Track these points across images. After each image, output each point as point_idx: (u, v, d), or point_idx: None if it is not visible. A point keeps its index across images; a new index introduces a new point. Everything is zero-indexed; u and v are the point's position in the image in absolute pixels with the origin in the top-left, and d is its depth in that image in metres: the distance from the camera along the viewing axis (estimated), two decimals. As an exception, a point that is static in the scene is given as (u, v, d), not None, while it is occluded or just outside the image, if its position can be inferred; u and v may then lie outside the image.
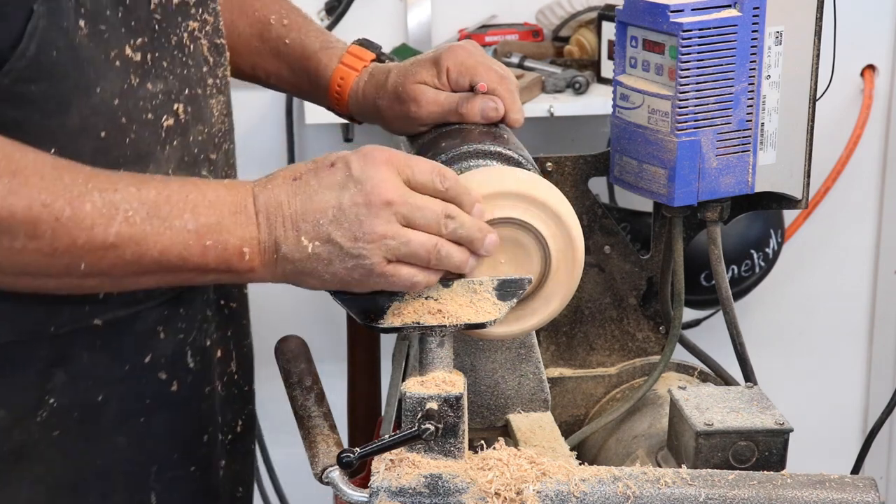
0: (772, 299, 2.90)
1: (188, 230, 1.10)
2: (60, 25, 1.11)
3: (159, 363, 1.28)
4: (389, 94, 1.43)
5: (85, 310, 1.21)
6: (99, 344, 1.23)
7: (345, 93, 1.48)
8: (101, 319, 1.22)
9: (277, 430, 2.68)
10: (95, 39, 1.14)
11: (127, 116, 1.18)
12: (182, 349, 1.30)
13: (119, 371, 1.25)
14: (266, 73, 1.53)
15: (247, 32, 1.51)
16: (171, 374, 1.29)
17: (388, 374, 1.51)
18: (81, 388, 1.23)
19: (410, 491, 1.14)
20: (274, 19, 1.50)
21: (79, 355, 1.22)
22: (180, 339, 1.30)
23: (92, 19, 1.13)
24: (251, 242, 1.13)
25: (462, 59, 1.40)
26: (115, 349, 1.25)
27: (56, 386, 1.21)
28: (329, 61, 1.49)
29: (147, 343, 1.27)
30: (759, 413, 1.29)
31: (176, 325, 1.29)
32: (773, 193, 1.50)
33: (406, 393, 1.16)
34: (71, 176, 1.07)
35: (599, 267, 1.58)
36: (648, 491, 1.15)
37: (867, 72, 2.79)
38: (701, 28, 1.38)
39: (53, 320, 1.20)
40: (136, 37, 1.18)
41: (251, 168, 2.75)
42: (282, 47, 1.50)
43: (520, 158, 1.33)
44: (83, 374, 1.23)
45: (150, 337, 1.27)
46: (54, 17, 1.10)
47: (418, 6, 2.61)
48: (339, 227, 1.12)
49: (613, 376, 1.59)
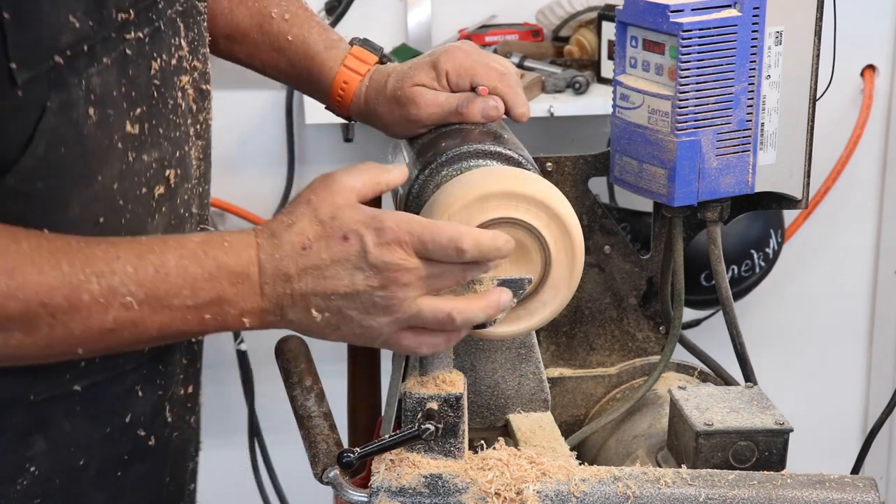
0: (772, 299, 2.90)
1: (187, 307, 1.07)
2: (71, 118, 1.06)
3: (139, 421, 1.25)
4: (388, 99, 1.42)
5: (65, 377, 1.17)
6: (79, 409, 1.19)
7: (348, 97, 1.46)
8: (80, 385, 1.18)
9: (277, 430, 2.68)
10: (102, 126, 1.10)
11: (123, 197, 1.14)
12: (161, 404, 1.28)
13: (99, 433, 1.22)
14: (263, 63, 1.50)
15: (246, 23, 1.47)
16: (149, 429, 1.27)
17: (388, 374, 1.51)
18: (62, 455, 1.19)
19: (410, 491, 1.14)
20: (275, 13, 1.47)
21: (58, 421, 1.18)
22: (159, 396, 1.27)
23: (101, 104, 1.09)
24: (253, 313, 1.10)
25: (460, 61, 1.39)
26: (94, 412, 1.21)
27: (36, 454, 1.17)
28: (333, 63, 1.46)
29: (126, 403, 1.24)
30: (759, 413, 1.29)
31: (154, 381, 1.26)
32: (773, 193, 1.50)
33: (406, 393, 1.16)
34: (69, 261, 1.04)
35: (599, 267, 1.58)
36: (648, 491, 1.15)
37: (867, 72, 2.79)
38: (701, 28, 1.38)
39: (32, 389, 1.15)
40: (136, 107, 1.14)
41: (251, 168, 2.77)
42: (284, 43, 1.47)
43: (520, 158, 1.33)
44: (63, 440, 1.19)
45: (129, 396, 1.24)
46: (66, 111, 1.06)
47: (418, 6, 2.61)
48: (352, 304, 1.09)
49: (613, 376, 1.59)
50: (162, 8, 1.16)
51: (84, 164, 1.09)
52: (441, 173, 1.31)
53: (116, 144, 1.12)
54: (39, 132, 1.04)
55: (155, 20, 1.15)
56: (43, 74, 1.03)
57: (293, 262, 1.09)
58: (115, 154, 1.12)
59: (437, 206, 1.22)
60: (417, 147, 1.40)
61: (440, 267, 1.10)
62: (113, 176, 1.12)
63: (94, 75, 1.07)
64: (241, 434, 2.73)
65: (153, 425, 1.27)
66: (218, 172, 2.66)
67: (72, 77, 1.05)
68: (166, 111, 1.18)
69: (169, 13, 1.18)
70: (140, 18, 1.12)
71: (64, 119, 1.06)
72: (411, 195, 1.32)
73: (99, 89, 1.08)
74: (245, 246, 1.09)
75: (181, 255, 1.07)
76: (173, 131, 1.20)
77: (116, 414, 1.23)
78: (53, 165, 1.06)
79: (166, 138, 1.19)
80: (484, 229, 1.15)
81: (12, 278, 1.01)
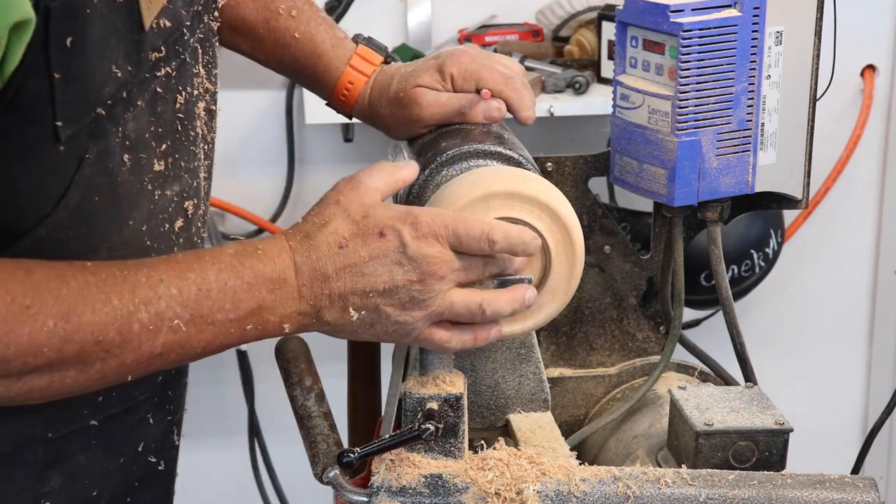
0: (772, 299, 2.90)
1: (230, 320, 1.07)
2: (106, 167, 1.06)
3: (150, 448, 1.26)
4: (391, 101, 1.42)
5: (82, 413, 1.17)
6: (94, 443, 1.20)
7: (352, 98, 1.46)
8: (97, 419, 1.19)
9: (277, 430, 2.68)
10: (135, 170, 1.10)
11: (150, 237, 1.14)
12: (170, 429, 1.29)
13: (113, 464, 1.22)
14: (267, 57, 1.49)
15: (252, 17, 1.46)
16: (159, 455, 1.27)
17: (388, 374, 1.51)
18: (77, 489, 1.19)
19: (410, 491, 1.14)
20: (283, 9, 1.45)
21: (74, 456, 1.19)
22: (168, 421, 1.28)
23: (135, 148, 1.09)
24: (291, 317, 1.09)
25: (466, 65, 1.39)
26: (108, 445, 1.21)
27: (51, 490, 1.17)
28: (339, 63, 1.46)
29: (138, 432, 1.24)
30: (759, 413, 1.29)
31: (164, 407, 1.27)
32: (773, 193, 1.50)
33: (406, 393, 1.16)
34: (118, 294, 1.02)
35: (599, 267, 1.58)
36: (648, 491, 1.15)
37: (867, 72, 2.79)
38: (701, 28, 1.38)
39: (50, 427, 1.16)
40: (162, 143, 1.13)
41: (251, 168, 2.77)
42: (290, 40, 1.46)
43: (520, 158, 1.33)
44: (78, 473, 1.19)
45: (142, 425, 1.24)
46: (102, 160, 1.05)
47: (418, 6, 2.61)
48: (390, 300, 1.10)
49: (613, 376, 1.59)
50: (187, 38, 1.16)
51: (117, 211, 1.09)
52: (441, 173, 1.31)
53: (146, 186, 1.12)
54: (75, 183, 1.04)
55: (181, 52, 1.15)
56: (84, 127, 1.02)
57: (330, 261, 1.09)
58: (144, 196, 1.12)
59: (440, 203, 1.22)
60: (417, 147, 1.40)
61: (469, 260, 1.12)
62: (142, 218, 1.12)
63: (130, 120, 1.07)
64: (241, 434, 2.73)
65: (162, 450, 1.28)
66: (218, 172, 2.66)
67: (110, 126, 1.05)
68: (187, 143, 1.18)
69: (192, 42, 1.17)
70: (169, 53, 1.12)
71: (100, 169, 1.05)
72: (411, 195, 1.32)
73: (133, 134, 1.08)
74: (278, 251, 1.09)
75: (220, 269, 1.07)
76: (192, 162, 1.20)
77: (129, 444, 1.23)
78: (86, 214, 1.06)
79: (186, 171, 1.19)
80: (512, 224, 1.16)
81: (68, 322, 1.00)
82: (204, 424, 2.79)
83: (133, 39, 1.04)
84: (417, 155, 1.37)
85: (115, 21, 1.02)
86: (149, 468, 1.26)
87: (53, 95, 0.98)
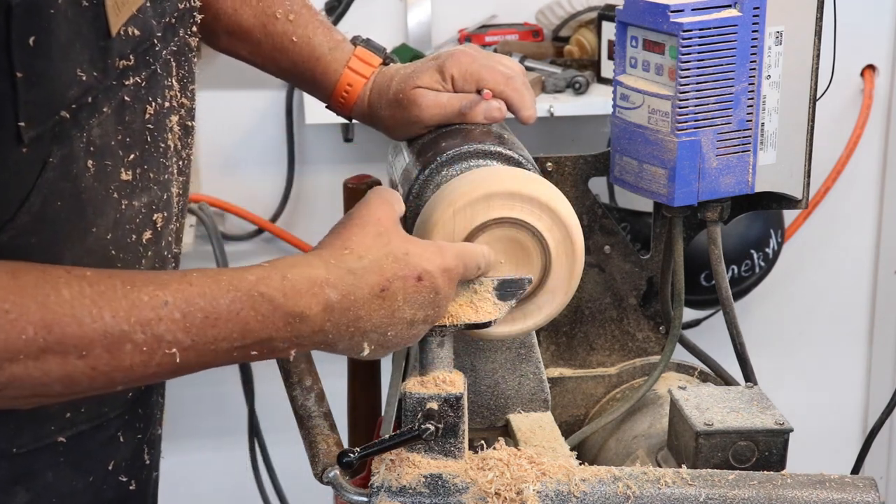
0: (772, 299, 2.90)
1: (234, 348, 1.03)
2: (70, 172, 1.03)
3: (121, 467, 1.23)
4: (391, 102, 1.41)
5: (50, 429, 1.15)
6: (62, 460, 1.17)
7: (351, 100, 1.46)
8: (65, 436, 1.16)
9: (277, 430, 2.68)
10: (100, 177, 1.06)
11: (115, 246, 1.11)
12: (140, 447, 1.26)
13: (82, 483, 1.19)
14: (265, 62, 1.49)
15: (249, 23, 1.45)
16: (130, 474, 1.25)
17: (388, 374, 1.51)
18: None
19: (410, 491, 1.14)
20: (280, 13, 1.45)
21: (42, 473, 1.15)
22: (139, 439, 1.26)
23: (99, 155, 1.05)
24: (303, 345, 1.07)
25: (466, 65, 1.39)
26: (77, 462, 1.18)
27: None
28: (337, 66, 1.45)
29: (108, 450, 1.22)
30: (759, 413, 1.29)
31: (134, 425, 1.25)
32: (773, 193, 1.50)
33: (406, 393, 1.16)
34: (112, 310, 0.99)
35: (599, 267, 1.58)
36: (648, 491, 1.15)
37: (867, 72, 2.79)
38: (701, 28, 1.38)
39: (15, 441, 1.12)
40: (130, 153, 1.10)
41: (251, 168, 2.77)
42: (287, 44, 1.45)
43: (520, 158, 1.33)
44: (46, 491, 1.16)
45: (112, 443, 1.22)
46: (66, 165, 1.02)
47: (418, 6, 2.61)
48: (402, 332, 1.11)
49: (613, 376, 1.59)
50: (158, 49, 1.14)
51: (80, 217, 1.06)
52: (441, 173, 1.31)
53: (112, 194, 1.09)
54: (37, 187, 1.00)
55: (152, 63, 1.13)
56: (48, 130, 1.00)
57: (368, 304, 1.08)
58: (110, 204, 1.09)
59: (440, 203, 1.22)
60: (417, 147, 1.40)
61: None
62: (107, 226, 1.09)
63: (95, 126, 1.05)
64: (241, 434, 2.73)
65: (133, 469, 1.25)
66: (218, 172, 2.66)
67: (74, 130, 1.02)
68: (157, 154, 1.16)
69: (164, 54, 1.16)
70: (139, 62, 1.10)
71: (63, 173, 1.02)
72: (411, 195, 1.32)
73: (98, 140, 1.05)
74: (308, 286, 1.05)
75: (234, 298, 1.03)
76: (162, 174, 1.17)
77: (99, 462, 1.21)
78: (49, 220, 1.03)
79: (156, 182, 1.16)
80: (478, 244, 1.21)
81: (50, 333, 0.96)
82: (204, 424, 2.79)
83: (99, 45, 1.03)
84: (417, 155, 1.37)
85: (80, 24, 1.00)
86: (120, 488, 1.24)
87: (16, 96, 0.96)
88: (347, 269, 1.08)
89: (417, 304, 1.10)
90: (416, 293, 1.10)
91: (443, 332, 1.17)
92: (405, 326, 1.11)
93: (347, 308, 1.07)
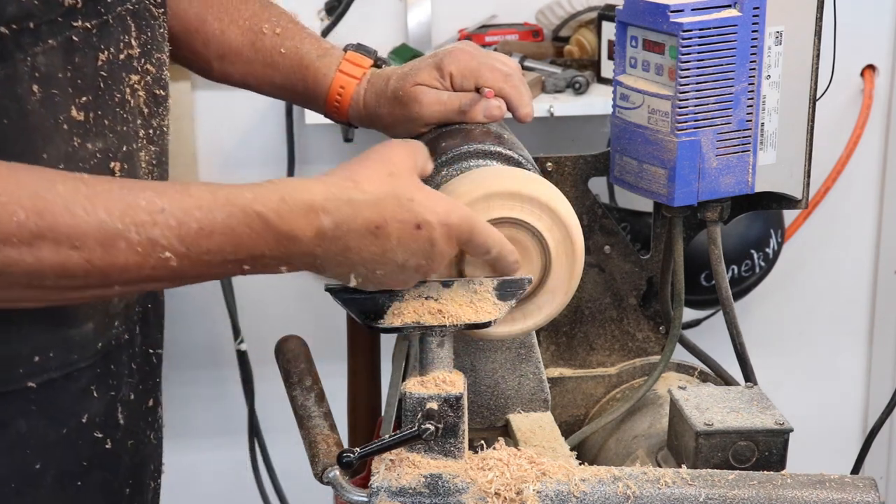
0: (772, 299, 2.90)
1: (227, 261, 1.07)
2: (15, 92, 1.07)
3: (94, 422, 1.25)
4: (389, 100, 1.42)
5: (19, 372, 1.17)
6: (34, 409, 1.18)
7: (345, 102, 1.46)
8: (35, 382, 1.18)
9: (277, 430, 2.68)
10: (47, 105, 1.10)
11: None
12: (113, 405, 1.28)
13: (55, 434, 1.21)
14: (258, 81, 1.51)
15: (238, 42, 1.48)
16: (105, 431, 1.26)
17: (388, 374, 1.51)
18: (18, 457, 1.18)
19: (410, 491, 1.14)
20: (267, 28, 1.48)
21: (14, 421, 1.17)
22: (111, 396, 1.27)
23: (45, 83, 1.10)
24: (293, 265, 1.10)
25: (465, 63, 1.39)
26: (50, 412, 1.20)
27: None
28: (327, 70, 1.47)
29: (82, 403, 1.23)
30: (759, 413, 1.29)
31: (107, 381, 1.26)
32: (773, 193, 1.50)
33: (406, 393, 1.16)
34: (107, 209, 1.02)
35: (599, 267, 1.58)
36: (648, 491, 1.15)
37: (867, 72, 2.79)
38: (701, 28, 1.38)
39: None
40: (82, 95, 1.14)
41: (251, 167, 2.77)
42: (277, 57, 1.47)
43: (520, 158, 1.33)
44: (19, 441, 1.18)
45: (85, 396, 1.24)
46: (10, 84, 1.07)
47: (418, 6, 2.61)
48: (390, 278, 1.13)
49: (613, 376, 1.59)
50: (111, 3, 1.17)
51: (28, 141, 1.09)
52: (441, 173, 1.31)
53: (62, 126, 1.12)
54: None
55: (103, 13, 1.16)
56: None
57: (359, 238, 1.10)
58: (60, 136, 1.12)
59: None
60: (417, 147, 1.40)
61: None
62: (58, 157, 1.12)
63: (40, 54, 1.08)
64: (241, 434, 2.73)
65: (107, 427, 1.27)
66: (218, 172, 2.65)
67: (17, 52, 1.06)
68: (112, 104, 1.19)
69: (119, 10, 1.19)
70: (87, 9, 1.13)
71: (7, 91, 1.06)
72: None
73: (44, 68, 1.09)
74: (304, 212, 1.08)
75: (230, 213, 1.06)
76: (120, 125, 1.20)
77: (72, 414, 1.22)
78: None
79: (112, 130, 1.19)
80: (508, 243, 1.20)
81: (42, 219, 1.00)
82: (204, 424, 2.79)
83: None
84: (417, 155, 1.37)
85: None
86: (95, 445, 1.25)
87: None
88: (347, 199, 1.09)
89: (411, 251, 1.11)
90: (412, 240, 1.11)
91: (443, 332, 1.17)
92: (395, 269, 1.12)
93: (339, 237, 1.09)
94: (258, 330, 2.68)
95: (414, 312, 1.17)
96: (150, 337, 1.35)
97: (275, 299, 2.74)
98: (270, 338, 1.51)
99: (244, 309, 2.68)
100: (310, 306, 2.72)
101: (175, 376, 2.56)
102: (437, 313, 1.17)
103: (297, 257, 1.09)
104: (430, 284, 1.18)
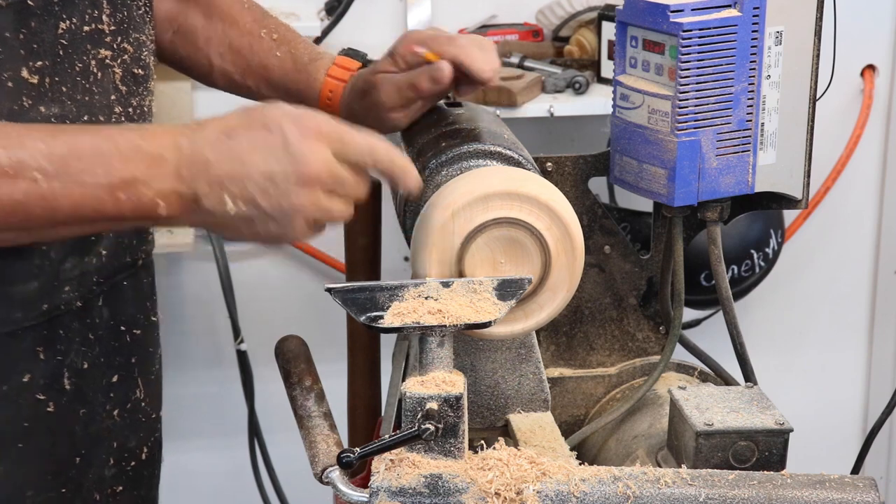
0: (772, 299, 2.90)
1: (100, 185, 1.10)
2: None
3: (38, 384, 1.26)
4: (359, 94, 1.45)
5: None
6: None
7: (335, 104, 1.49)
8: None
9: (277, 430, 2.68)
10: None
11: None
12: (59, 370, 1.29)
13: None
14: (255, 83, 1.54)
15: (238, 42, 1.53)
16: (48, 395, 1.28)
17: (388, 374, 1.51)
18: None
19: (410, 491, 1.14)
20: (264, 33, 1.53)
21: None
22: (58, 361, 1.28)
23: None
24: (168, 196, 1.12)
25: (411, 40, 1.41)
26: None
27: None
28: (318, 74, 1.51)
29: (26, 362, 1.25)
30: (759, 413, 1.29)
31: (55, 346, 1.28)
32: (773, 193, 1.50)
33: (406, 393, 1.16)
34: None
35: (599, 267, 1.58)
36: (648, 491, 1.15)
37: (867, 72, 2.79)
38: (701, 28, 1.38)
39: None
40: (37, 60, 1.18)
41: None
42: (273, 60, 1.52)
43: (519, 158, 1.33)
44: None
45: (30, 357, 1.25)
46: None
47: (418, 6, 2.61)
48: (266, 195, 1.13)
49: (613, 376, 1.59)
50: None
51: None
52: (441, 173, 1.31)
53: (7, 83, 1.16)
54: None
55: None
56: None
57: (214, 147, 1.12)
58: (4, 92, 1.16)
59: (439, 203, 1.23)
60: (417, 147, 1.40)
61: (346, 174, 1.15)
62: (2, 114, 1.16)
63: None
64: (241, 434, 2.73)
65: (51, 390, 1.28)
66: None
67: None
68: (73, 73, 1.22)
69: None
70: None
71: None
72: (412, 194, 1.32)
73: None
74: (163, 131, 1.14)
75: (96, 135, 1.12)
76: (81, 94, 1.23)
77: (15, 372, 1.24)
78: None
79: (70, 98, 1.22)
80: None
81: None
82: (204, 424, 2.79)
83: None
84: (417, 155, 1.38)
85: None
86: (38, 407, 1.27)
87: None
88: (199, 123, 1.15)
89: (269, 153, 1.12)
90: (264, 141, 1.12)
91: (443, 331, 1.17)
92: (263, 179, 1.12)
93: (196, 151, 1.12)
94: (258, 330, 2.68)
95: (414, 312, 1.17)
96: (124, 313, 1.37)
97: (275, 299, 2.74)
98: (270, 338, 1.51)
99: (244, 309, 2.68)
100: (310, 306, 2.72)
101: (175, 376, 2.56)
102: (437, 313, 1.17)
103: (167, 181, 1.11)
104: (430, 284, 1.18)
